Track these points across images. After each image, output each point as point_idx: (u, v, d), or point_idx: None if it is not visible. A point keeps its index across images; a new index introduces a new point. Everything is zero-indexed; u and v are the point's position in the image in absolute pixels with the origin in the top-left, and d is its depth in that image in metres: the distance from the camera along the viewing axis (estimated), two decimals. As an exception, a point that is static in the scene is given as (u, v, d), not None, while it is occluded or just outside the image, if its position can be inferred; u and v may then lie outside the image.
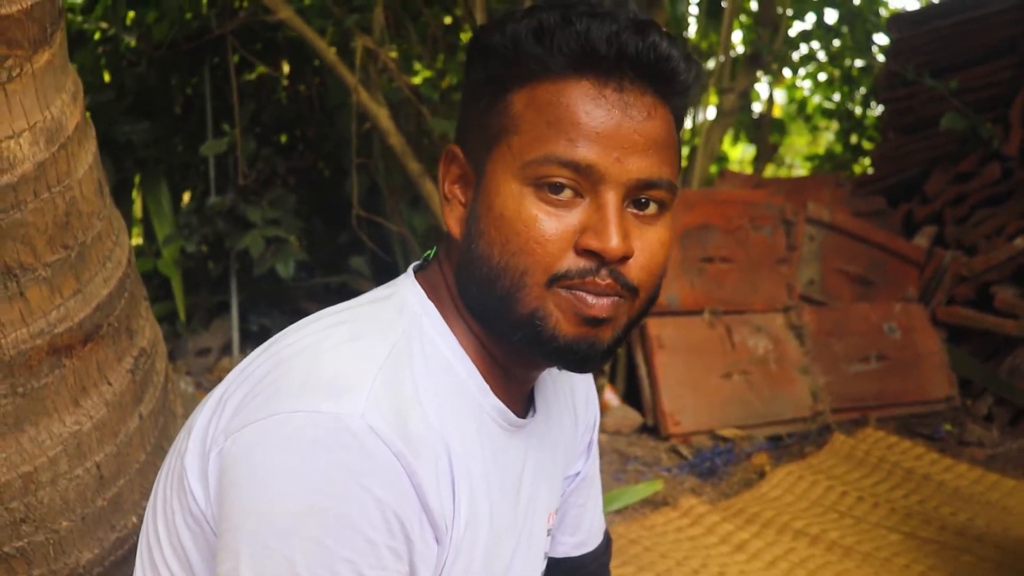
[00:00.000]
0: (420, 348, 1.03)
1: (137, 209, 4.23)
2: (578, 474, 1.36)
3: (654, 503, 3.07)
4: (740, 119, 5.24)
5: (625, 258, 0.98)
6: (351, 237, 3.89)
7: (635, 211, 1.00)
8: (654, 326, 3.66)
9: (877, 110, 5.63)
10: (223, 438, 0.98)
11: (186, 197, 4.43)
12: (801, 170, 6.85)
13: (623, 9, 1.00)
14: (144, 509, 2.10)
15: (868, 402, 4.06)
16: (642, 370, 3.66)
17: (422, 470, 0.95)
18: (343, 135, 3.79)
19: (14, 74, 1.56)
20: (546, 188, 0.97)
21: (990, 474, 3.52)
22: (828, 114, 6.25)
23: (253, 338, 4.27)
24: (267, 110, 4.12)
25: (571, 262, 0.98)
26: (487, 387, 1.07)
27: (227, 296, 4.08)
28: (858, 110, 6.00)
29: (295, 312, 4.39)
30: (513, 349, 1.06)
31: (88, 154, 1.81)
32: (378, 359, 0.98)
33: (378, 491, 0.92)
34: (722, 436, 3.63)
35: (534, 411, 1.18)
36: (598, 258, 0.97)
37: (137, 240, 4.50)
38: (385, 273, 4.02)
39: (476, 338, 1.08)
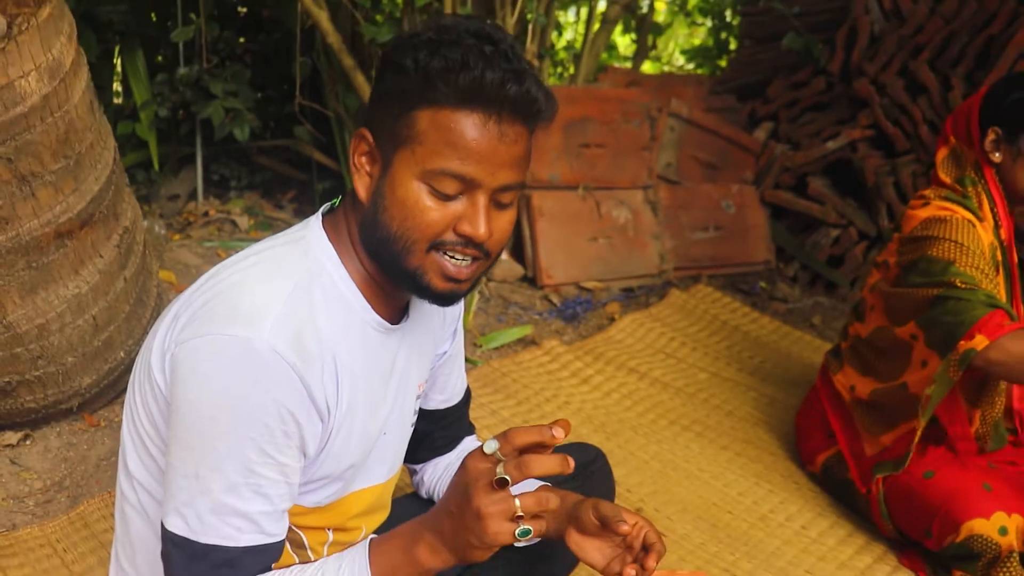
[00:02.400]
0: (319, 282, 1.24)
1: (117, 71, 4.23)
2: (445, 352, 1.59)
3: (524, 342, 3.33)
4: (626, 20, 5.32)
5: (487, 240, 1.20)
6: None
7: (495, 202, 1.21)
8: (537, 198, 3.84)
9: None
10: (174, 346, 1.18)
11: (159, 59, 4.41)
12: (680, 60, 6.96)
13: (507, 53, 1.15)
14: (129, 347, 2.34)
15: (704, 263, 4.31)
16: (526, 232, 3.86)
17: (310, 376, 1.17)
18: (290, 27, 3.82)
19: (23, 28, 1.70)
20: (438, 188, 1.17)
21: (785, 326, 3.86)
22: (704, 12, 6.34)
23: (214, 185, 4.38)
24: (228, -7, 4.11)
25: (448, 236, 1.19)
26: (369, 307, 1.29)
27: (194, 149, 4.16)
28: (728, 13, 6.11)
29: (250, 164, 4.49)
30: (396, 284, 1.28)
31: (82, 81, 1.95)
32: (283, 294, 1.18)
33: (274, 393, 1.13)
34: (585, 287, 3.88)
35: (407, 316, 1.40)
36: (468, 238, 1.19)
37: (117, 88, 4.49)
38: (322, 144, 4.15)
39: (364, 271, 1.28)
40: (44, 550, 1.93)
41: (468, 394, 1.73)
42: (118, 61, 4.13)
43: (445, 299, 1.26)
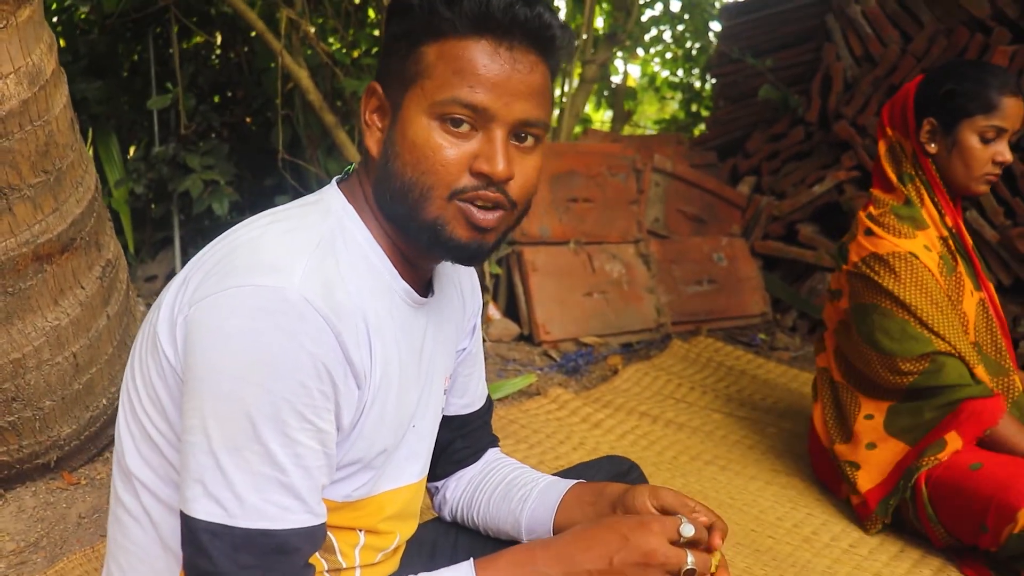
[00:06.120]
0: (343, 241, 1.12)
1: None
2: (465, 349, 1.47)
3: (529, 393, 3.18)
4: (600, 87, 5.38)
5: (508, 179, 1.09)
6: (276, 181, 3.91)
7: (516, 143, 1.10)
8: (529, 253, 3.76)
9: (711, 83, 5.83)
10: (188, 307, 1.04)
11: (132, 150, 4.36)
12: (652, 131, 7.05)
13: None
14: (112, 394, 2.17)
15: (700, 316, 4.23)
16: (519, 290, 3.76)
17: (345, 330, 1.03)
18: (269, 94, 3.79)
19: (1, 25, 1.60)
20: (449, 122, 1.06)
21: (792, 369, 3.77)
22: (673, 87, 6.44)
23: (193, 268, 4.26)
24: (203, 74, 4.07)
25: (466, 180, 1.08)
26: (396, 272, 1.17)
27: (170, 232, 4.06)
28: (697, 84, 6.21)
29: (229, 246, 4.38)
30: (418, 245, 1.15)
31: (62, 95, 1.85)
32: (309, 247, 1.06)
33: (310, 346, 1.00)
34: (584, 342, 3.77)
35: (432, 293, 1.28)
36: (487, 178, 1.07)
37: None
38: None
39: (387, 235, 1.16)
40: (22, 611, 1.73)
41: (490, 402, 1.60)
42: (90, 149, 4.06)
43: (470, 253, 1.13)
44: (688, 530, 1.11)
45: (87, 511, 2.07)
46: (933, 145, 2.17)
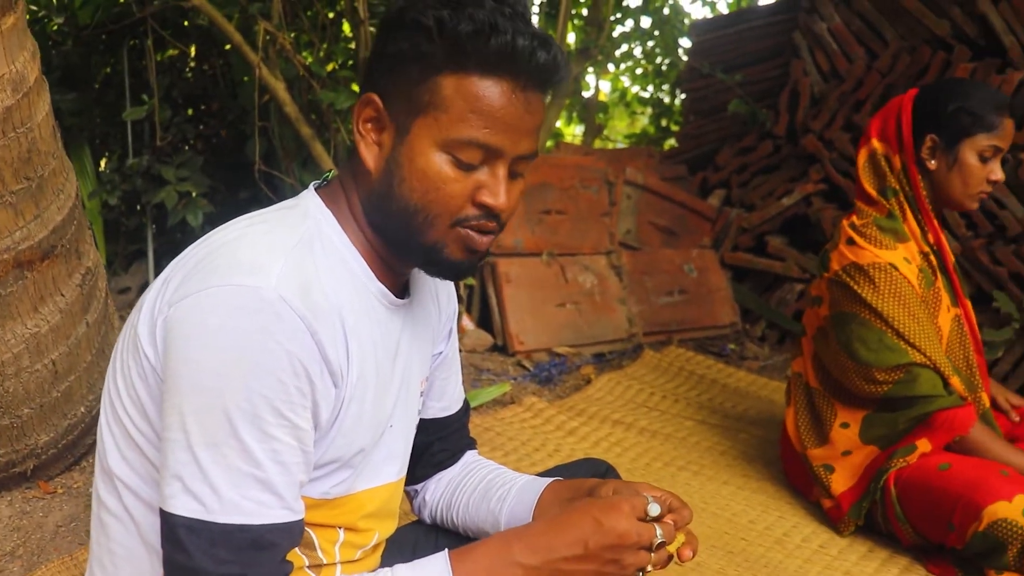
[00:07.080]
0: (320, 243, 1.14)
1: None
2: (441, 353, 1.49)
3: (503, 402, 3.21)
4: (572, 102, 5.44)
5: (507, 210, 1.14)
6: (251, 194, 3.91)
7: (512, 171, 1.15)
8: (503, 264, 3.80)
9: (681, 98, 5.91)
10: (167, 307, 1.06)
11: (103, 163, 4.35)
12: (622, 145, 7.13)
13: (524, 15, 1.10)
14: (90, 402, 2.17)
15: (672, 327, 4.28)
16: (493, 300, 3.79)
17: (321, 329, 1.05)
18: (244, 107, 3.80)
19: (-15, 33, 1.61)
20: (461, 158, 1.10)
21: (761, 378, 3.82)
22: (643, 102, 6.53)
23: (166, 280, 4.24)
24: (177, 86, 4.07)
25: (469, 210, 1.12)
26: (372, 275, 1.19)
27: (143, 246, 4.05)
28: (667, 99, 6.29)
29: (202, 259, 4.37)
30: (399, 255, 1.19)
31: (45, 103, 1.86)
32: (286, 248, 1.08)
33: (287, 344, 1.02)
34: (557, 352, 3.80)
35: (409, 296, 1.31)
36: (488, 209, 1.13)
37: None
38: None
39: (366, 239, 1.19)
40: (0, 619, 1.72)
41: (467, 405, 1.62)
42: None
43: (462, 272, 1.19)
44: (655, 509, 1.14)
45: (64, 520, 2.06)
46: (934, 161, 2.19)
